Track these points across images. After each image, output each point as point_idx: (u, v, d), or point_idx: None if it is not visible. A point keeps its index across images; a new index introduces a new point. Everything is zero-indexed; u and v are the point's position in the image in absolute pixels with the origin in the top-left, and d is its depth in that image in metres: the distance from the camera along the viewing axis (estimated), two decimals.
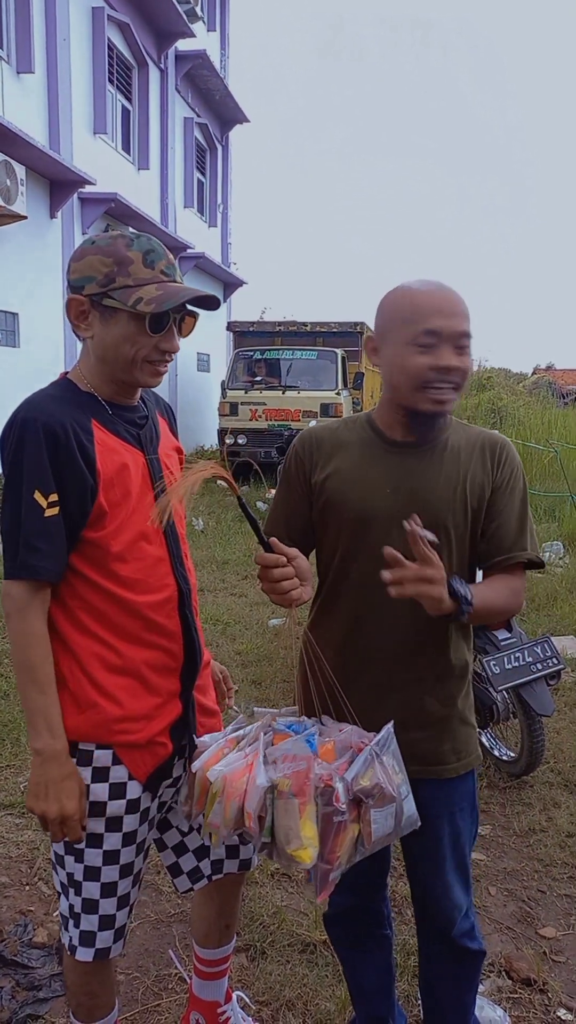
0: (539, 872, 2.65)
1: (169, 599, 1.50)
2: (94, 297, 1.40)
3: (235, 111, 17.01)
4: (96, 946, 1.50)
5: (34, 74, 9.46)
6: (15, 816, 2.88)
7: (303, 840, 1.27)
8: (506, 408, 15.49)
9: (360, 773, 1.31)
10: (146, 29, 12.80)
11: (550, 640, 3.12)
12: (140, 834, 1.51)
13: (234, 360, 12.42)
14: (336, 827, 1.28)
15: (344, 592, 1.56)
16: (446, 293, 1.42)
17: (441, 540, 1.45)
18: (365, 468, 1.51)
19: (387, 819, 1.33)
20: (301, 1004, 2.04)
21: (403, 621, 1.50)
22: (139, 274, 1.38)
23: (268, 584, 1.38)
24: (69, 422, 1.37)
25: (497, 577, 1.51)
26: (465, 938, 1.62)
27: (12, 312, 9.37)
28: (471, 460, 1.49)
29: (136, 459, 1.47)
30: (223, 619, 5.37)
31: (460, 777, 1.57)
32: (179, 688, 1.53)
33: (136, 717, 1.46)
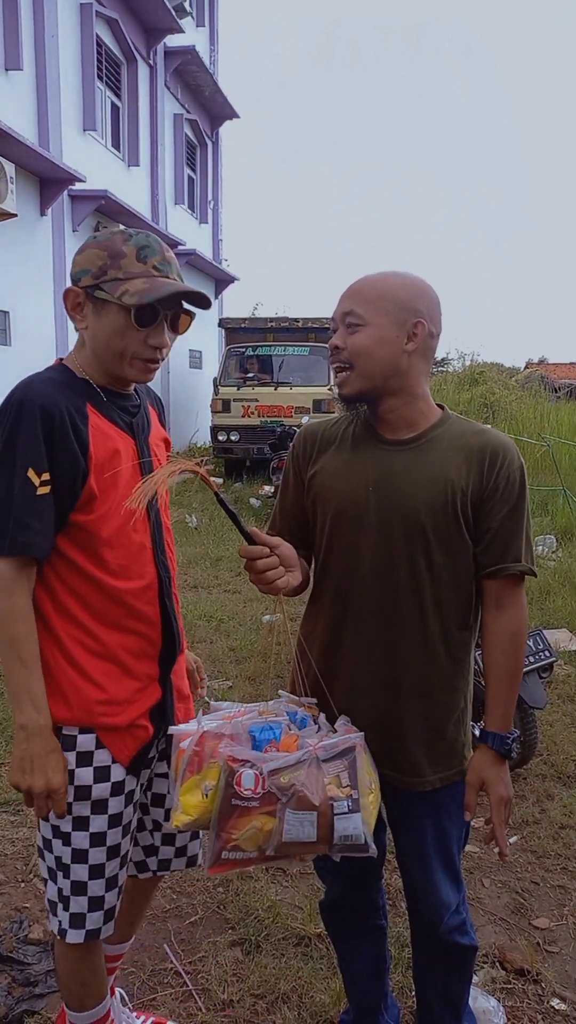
0: (532, 864, 2.66)
1: (149, 586, 1.51)
2: (88, 289, 1.42)
3: (225, 107, 16.96)
4: (87, 927, 1.52)
5: (22, 71, 9.41)
6: (10, 813, 2.88)
7: (178, 805, 1.32)
8: (498, 402, 15.50)
9: (283, 769, 1.29)
10: (135, 25, 12.75)
11: (543, 633, 3.14)
12: (126, 816, 1.53)
13: (226, 357, 12.40)
14: (234, 810, 1.28)
15: (327, 590, 1.56)
16: (358, 280, 1.47)
17: (418, 542, 1.44)
18: (352, 464, 1.51)
19: (303, 825, 1.29)
20: (296, 997, 2.05)
21: (378, 624, 1.48)
22: (130, 268, 1.40)
23: (254, 575, 1.39)
24: (65, 404, 1.39)
25: (490, 642, 1.49)
26: (455, 933, 1.61)
27: (3, 310, 9.34)
28: (460, 462, 1.45)
29: (128, 445, 1.49)
30: (217, 615, 5.37)
31: (444, 788, 1.54)
32: (158, 673, 1.55)
33: (117, 700, 1.48)
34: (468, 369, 19.69)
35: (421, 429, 1.49)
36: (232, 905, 2.41)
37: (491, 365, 21.49)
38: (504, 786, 1.51)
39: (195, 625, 5.14)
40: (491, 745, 1.50)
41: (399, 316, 1.43)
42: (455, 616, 1.49)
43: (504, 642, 1.49)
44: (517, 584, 1.49)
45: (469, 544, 1.46)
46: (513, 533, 1.46)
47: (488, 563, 1.47)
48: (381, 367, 1.44)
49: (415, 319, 1.43)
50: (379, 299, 1.43)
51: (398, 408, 1.49)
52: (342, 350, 1.46)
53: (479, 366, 20.02)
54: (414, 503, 1.44)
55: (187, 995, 2.06)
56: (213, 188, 17.84)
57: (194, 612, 5.39)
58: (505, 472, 1.45)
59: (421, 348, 1.46)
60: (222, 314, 17.31)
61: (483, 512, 1.45)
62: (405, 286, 1.45)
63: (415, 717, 1.50)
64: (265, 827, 1.29)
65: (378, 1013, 1.81)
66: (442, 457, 1.46)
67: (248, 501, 9.88)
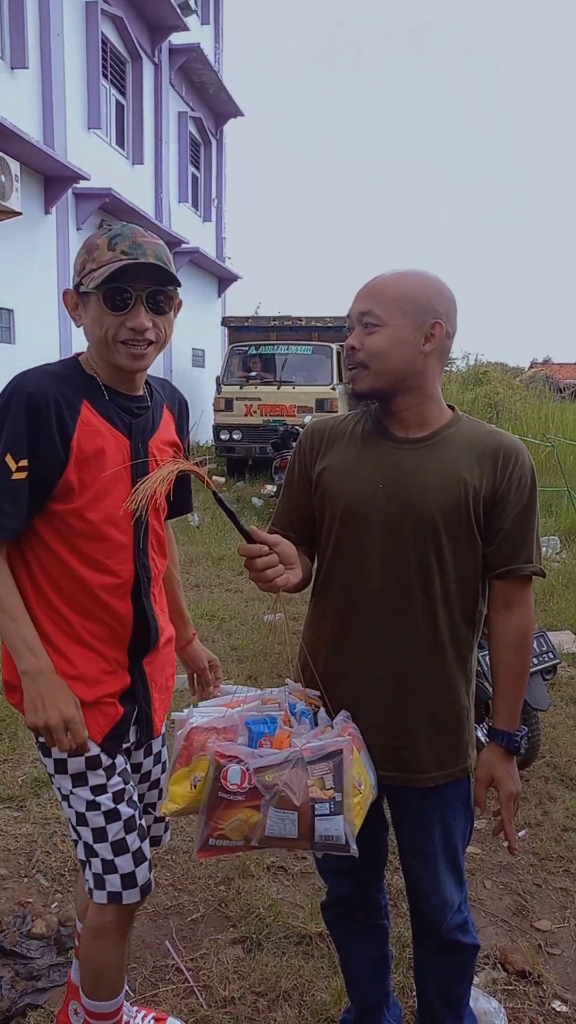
0: (534, 866, 2.66)
1: (123, 584, 1.54)
2: (77, 287, 1.48)
3: (229, 105, 16.96)
4: (107, 889, 1.56)
5: (28, 69, 9.42)
6: (13, 809, 2.89)
7: (167, 793, 1.38)
8: (503, 402, 15.49)
9: (269, 768, 1.32)
10: (139, 23, 12.75)
11: (546, 635, 3.14)
12: (112, 786, 1.56)
13: (229, 355, 12.40)
14: (221, 802, 1.34)
15: (333, 588, 1.56)
16: (375, 278, 1.47)
17: (429, 540, 1.44)
18: (361, 462, 1.51)
19: (284, 823, 1.31)
20: (297, 995, 2.05)
21: (386, 622, 1.49)
22: (101, 257, 1.44)
23: (254, 574, 1.39)
24: (55, 396, 1.44)
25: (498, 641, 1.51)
26: (457, 932, 1.62)
27: (7, 308, 9.36)
28: (472, 461, 1.45)
29: (121, 444, 1.51)
30: (219, 615, 5.38)
31: (448, 784, 1.54)
32: (127, 661, 1.58)
33: (86, 678, 1.53)
34: (472, 369, 19.67)
35: (433, 428, 1.49)
36: (233, 903, 2.41)
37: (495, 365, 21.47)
38: (513, 782, 1.53)
39: (197, 624, 5.12)
40: (500, 742, 1.52)
41: (417, 317, 1.42)
42: (462, 614, 1.50)
43: (513, 641, 1.50)
44: (526, 584, 1.50)
45: (479, 543, 1.47)
46: (524, 534, 1.47)
47: (498, 564, 1.47)
48: (397, 368, 1.43)
49: (433, 320, 1.42)
50: (398, 299, 1.42)
51: (411, 406, 1.48)
52: (358, 350, 1.45)
53: (483, 366, 20.00)
54: (427, 501, 1.44)
55: (188, 991, 2.07)
56: (217, 186, 17.84)
57: (196, 611, 5.39)
58: (518, 473, 1.45)
59: (438, 349, 1.45)
60: (225, 313, 17.31)
61: (495, 513, 1.45)
62: (424, 286, 1.44)
63: (421, 715, 1.51)
64: (250, 820, 1.33)
65: (379, 1013, 1.81)
66: (454, 456, 1.46)
67: (250, 500, 9.88)
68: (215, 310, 17.62)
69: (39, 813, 2.86)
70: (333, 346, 11.93)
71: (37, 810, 2.88)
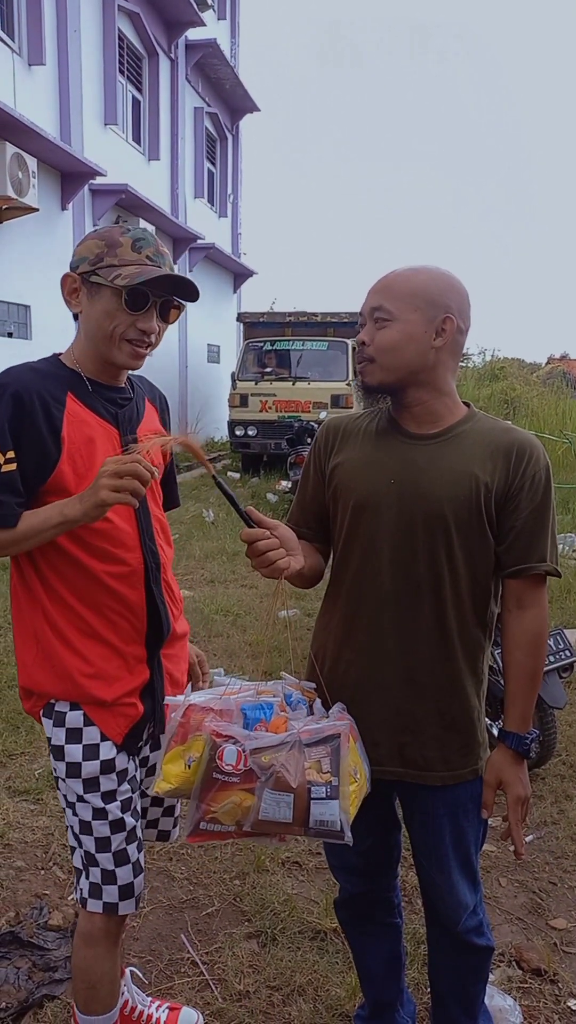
0: (550, 864, 2.65)
1: (134, 572, 1.55)
2: (85, 275, 1.49)
3: (245, 100, 16.93)
4: (103, 899, 1.56)
5: (45, 66, 9.45)
6: (30, 802, 2.92)
7: (159, 772, 1.37)
8: (519, 398, 15.39)
9: (265, 749, 1.31)
10: (156, 19, 12.75)
11: (563, 633, 3.12)
12: (121, 793, 1.56)
13: (244, 351, 12.40)
14: (215, 783, 1.31)
15: (344, 583, 1.56)
16: (387, 274, 1.47)
17: (440, 536, 1.44)
18: (374, 457, 1.51)
19: (279, 806, 1.30)
20: (312, 990, 2.06)
21: (395, 618, 1.48)
22: (125, 256, 1.47)
23: (255, 558, 1.40)
24: (39, 390, 1.46)
25: (510, 642, 1.49)
26: (472, 934, 1.61)
27: (24, 304, 9.40)
28: (485, 458, 1.44)
29: (109, 434, 1.54)
30: (233, 610, 5.39)
31: (459, 785, 1.53)
32: (145, 654, 1.58)
33: (104, 676, 1.52)
34: (489, 364, 19.55)
35: (446, 424, 1.49)
36: (248, 897, 2.42)
37: (512, 360, 21.33)
38: (522, 786, 1.50)
39: (212, 619, 5.16)
40: (509, 745, 1.50)
41: (428, 312, 1.42)
42: (473, 613, 1.48)
43: (525, 642, 1.48)
44: (540, 584, 1.48)
45: (491, 541, 1.45)
46: (538, 532, 1.44)
47: (511, 562, 1.46)
48: (407, 362, 1.43)
49: (444, 315, 1.42)
50: (409, 295, 1.42)
51: (423, 401, 1.48)
52: (368, 345, 1.46)
53: (500, 361, 19.88)
54: (437, 497, 1.43)
55: (203, 985, 2.08)
56: (233, 182, 17.83)
57: (211, 607, 5.41)
58: (532, 470, 1.43)
59: (449, 344, 1.45)
60: (240, 308, 17.30)
61: (508, 510, 1.44)
62: (435, 281, 1.43)
63: (428, 713, 1.49)
64: (244, 803, 1.31)
65: (393, 1009, 1.81)
66: (467, 452, 1.45)
67: (265, 496, 9.89)
68: (230, 306, 17.63)
69: (56, 806, 2.88)
70: (348, 342, 11.90)
71: (54, 803, 2.90)
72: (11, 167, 8.00)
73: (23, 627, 1.56)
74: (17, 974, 2.05)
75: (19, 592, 1.56)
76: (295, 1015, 1.98)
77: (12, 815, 2.82)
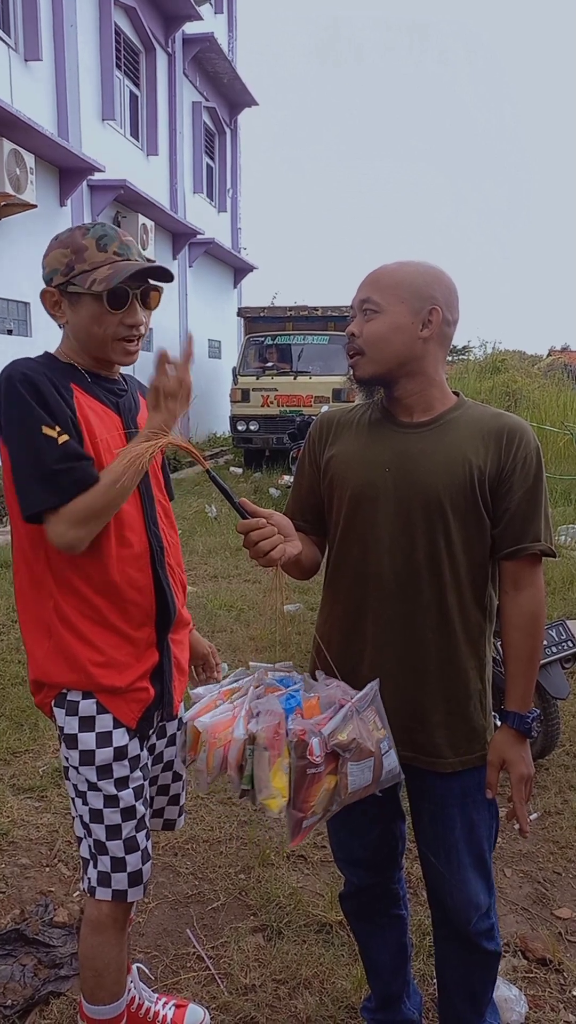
0: (554, 854, 2.65)
1: (141, 555, 1.57)
2: (61, 287, 1.52)
3: (243, 94, 16.87)
4: (112, 886, 1.57)
5: (42, 61, 9.42)
6: (35, 800, 2.93)
7: (272, 791, 1.36)
8: (521, 391, 15.35)
9: (338, 728, 1.36)
10: (153, 13, 12.70)
11: (566, 623, 3.12)
12: (133, 780, 1.58)
13: (245, 346, 12.39)
14: (309, 779, 1.35)
15: (344, 574, 1.58)
16: (376, 268, 1.50)
17: (437, 521, 1.46)
18: (367, 447, 1.54)
19: (364, 772, 1.38)
20: (318, 983, 2.06)
21: (398, 605, 1.50)
22: (93, 258, 1.49)
23: (252, 549, 1.41)
24: (50, 378, 1.48)
25: (508, 623, 1.50)
26: (483, 938, 1.59)
27: (24, 301, 9.40)
28: (477, 443, 1.46)
29: (114, 422, 1.57)
30: (237, 605, 5.39)
31: (468, 771, 1.54)
32: (154, 638, 1.61)
33: (116, 663, 1.54)
34: (490, 357, 19.50)
35: (437, 412, 1.51)
36: (254, 891, 2.42)
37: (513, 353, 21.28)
38: (525, 765, 1.52)
39: (215, 614, 5.16)
40: (511, 724, 1.51)
41: (415, 304, 1.45)
42: (473, 597, 1.50)
43: (522, 623, 1.50)
44: (535, 564, 1.50)
45: (487, 523, 1.47)
46: (531, 513, 1.47)
47: (507, 543, 1.48)
48: (395, 353, 1.46)
49: (430, 306, 1.45)
50: (395, 287, 1.45)
51: (414, 391, 1.51)
52: (357, 337, 1.49)
53: (501, 354, 19.83)
54: (433, 482, 1.45)
55: (209, 979, 2.08)
56: (232, 176, 17.78)
57: (214, 601, 5.41)
58: (523, 453, 1.46)
59: (436, 335, 1.47)
60: (241, 303, 17.27)
61: (501, 493, 1.46)
62: (421, 274, 1.47)
63: (435, 698, 1.51)
64: (330, 786, 1.38)
65: (399, 1001, 1.81)
66: (459, 438, 1.48)
67: (268, 491, 9.89)
68: (231, 301, 17.60)
69: (60, 803, 2.89)
70: None
71: (58, 800, 2.91)
72: (9, 164, 7.99)
73: (33, 622, 1.57)
74: (23, 971, 2.05)
75: (26, 588, 1.57)
76: (301, 1008, 1.98)
77: (16, 812, 2.83)
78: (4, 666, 4.21)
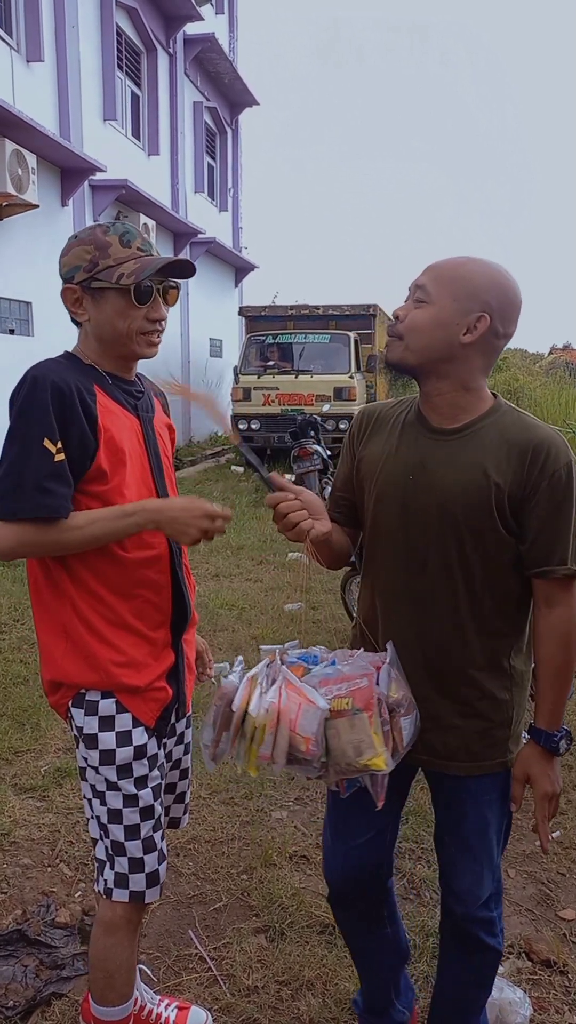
0: (559, 855, 2.64)
1: (160, 556, 1.59)
2: (84, 283, 1.52)
3: (244, 94, 16.86)
4: (130, 888, 1.57)
5: (43, 62, 9.41)
6: (36, 799, 2.92)
7: (377, 749, 1.37)
8: (522, 389, 15.34)
9: (389, 687, 1.40)
10: (154, 13, 12.69)
11: None
12: (152, 779, 1.59)
13: (246, 345, 12.36)
14: (386, 735, 1.39)
15: (370, 570, 1.59)
16: (447, 258, 1.46)
17: (450, 532, 1.43)
18: (398, 450, 1.51)
19: (411, 725, 1.43)
20: (320, 984, 2.05)
21: (409, 607, 1.50)
22: (118, 254, 1.51)
23: (280, 522, 1.41)
24: (75, 383, 1.48)
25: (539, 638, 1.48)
26: (480, 927, 1.59)
27: (26, 301, 9.39)
28: (501, 457, 1.40)
29: (133, 424, 1.59)
30: (239, 604, 5.38)
31: (484, 776, 1.52)
32: (170, 638, 1.63)
33: (135, 663, 1.55)
34: None
35: (465, 420, 1.46)
36: (256, 892, 2.41)
37: (515, 351, 21.27)
38: (549, 782, 1.49)
39: (217, 613, 5.15)
40: (538, 741, 1.49)
41: (465, 304, 1.38)
42: (494, 606, 1.47)
43: (553, 640, 1.46)
44: (567, 585, 1.44)
45: (507, 539, 1.43)
46: (558, 533, 1.41)
47: (533, 564, 1.43)
48: (430, 349, 1.41)
49: (480, 312, 1.38)
50: (452, 281, 1.39)
51: (445, 392, 1.46)
52: (400, 321, 1.45)
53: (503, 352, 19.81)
54: (449, 494, 1.42)
55: (212, 980, 2.08)
56: (233, 176, 17.77)
57: (216, 600, 5.40)
58: (550, 469, 1.39)
59: (480, 343, 1.41)
60: (242, 302, 17.26)
61: (525, 511, 1.41)
62: (483, 276, 1.39)
63: (447, 702, 1.50)
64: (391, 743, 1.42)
65: (390, 1004, 1.79)
66: (482, 449, 1.42)
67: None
68: (232, 300, 17.59)
69: (62, 803, 2.88)
70: (351, 335, 11.85)
71: (60, 800, 2.90)
72: (10, 164, 7.98)
73: (50, 622, 1.57)
74: (24, 972, 2.05)
75: (43, 589, 1.56)
76: (304, 1010, 1.97)
77: (18, 812, 2.82)
78: (6, 665, 4.20)
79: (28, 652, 4.39)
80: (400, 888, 2.38)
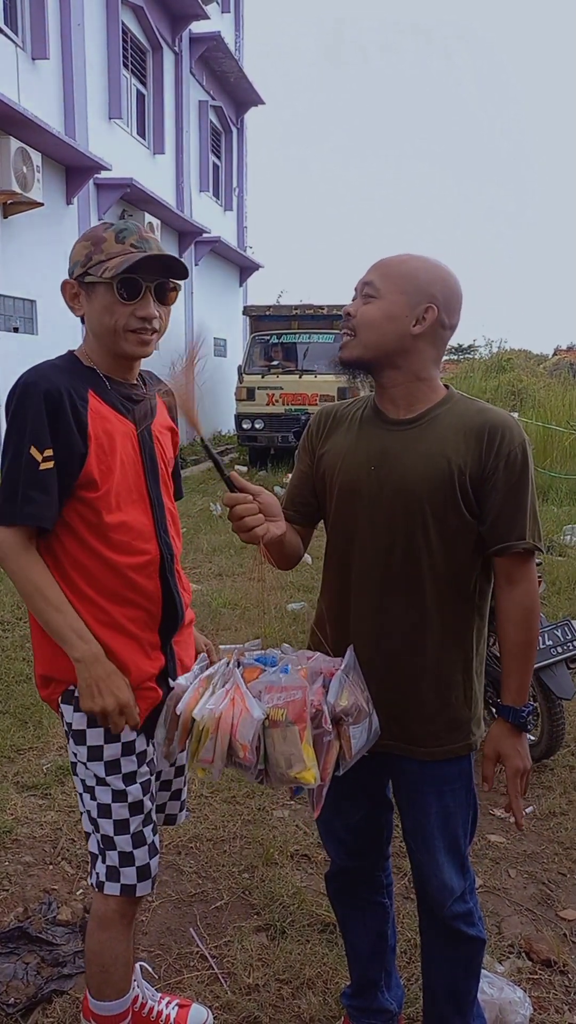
0: (559, 855, 2.64)
1: (151, 562, 1.60)
2: (80, 278, 1.54)
3: (250, 93, 16.85)
4: (121, 881, 1.58)
5: (49, 60, 9.41)
6: (39, 797, 2.93)
7: (306, 763, 1.36)
8: (526, 390, 15.30)
9: (338, 695, 1.39)
10: (160, 12, 12.69)
11: (571, 623, 3.10)
12: (141, 775, 1.59)
13: (251, 345, 12.37)
14: (326, 747, 1.38)
15: (331, 565, 1.62)
16: (388, 256, 1.51)
17: (416, 519, 1.47)
18: (356, 445, 1.55)
19: (362, 733, 1.42)
20: (321, 983, 2.06)
21: (376, 597, 1.52)
22: (110, 249, 1.51)
23: (235, 523, 1.42)
24: (66, 388, 1.49)
25: (502, 617, 1.51)
26: (459, 921, 1.61)
27: (30, 299, 9.40)
28: (459, 441, 1.46)
29: (128, 429, 1.58)
30: (241, 603, 5.38)
31: (447, 760, 1.55)
32: (159, 641, 1.64)
33: (124, 663, 1.56)
34: (495, 356, 19.46)
35: (421, 410, 1.51)
36: (257, 891, 2.42)
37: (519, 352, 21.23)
38: (520, 758, 1.53)
39: (220, 613, 5.16)
40: (506, 718, 1.53)
41: (413, 297, 1.45)
42: (456, 590, 1.51)
43: (517, 617, 1.50)
44: (526, 560, 1.50)
45: (469, 521, 1.48)
46: (516, 510, 1.46)
47: (493, 541, 1.48)
48: (383, 342, 1.47)
49: (427, 304, 1.45)
50: (399, 277, 1.46)
51: (400, 383, 1.51)
52: (352, 317, 1.50)
53: (507, 353, 19.79)
54: (412, 481, 1.46)
55: (212, 978, 2.08)
56: (238, 175, 17.76)
57: (218, 600, 5.41)
58: (506, 449, 1.45)
59: (429, 334, 1.47)
60: (246, 302, 17.26)
61: (485, 491, 1.46)
62: (427, 271, 1.47)
63: (414, 688, 1.53)
64: (336, 751, 1.40)
65: (376, 988, 1.81)
66: (441, 436, 1.48)
67: (273, 489, 9.89)
68: (236, 299, 17.58)
69: (64, 801, 2.89)
70: None
71: (62, 798, 2.91)
72: (16, 162, 7.99)
73: None
74: (26, 969, 2.05)
75: None
76: (304, 1008, 1.98)
77: (20, 810, 2.83)
78: (9, 663, 4.21)
79: (31, 650, 4.40)
80: (400, 888, 2.38)
